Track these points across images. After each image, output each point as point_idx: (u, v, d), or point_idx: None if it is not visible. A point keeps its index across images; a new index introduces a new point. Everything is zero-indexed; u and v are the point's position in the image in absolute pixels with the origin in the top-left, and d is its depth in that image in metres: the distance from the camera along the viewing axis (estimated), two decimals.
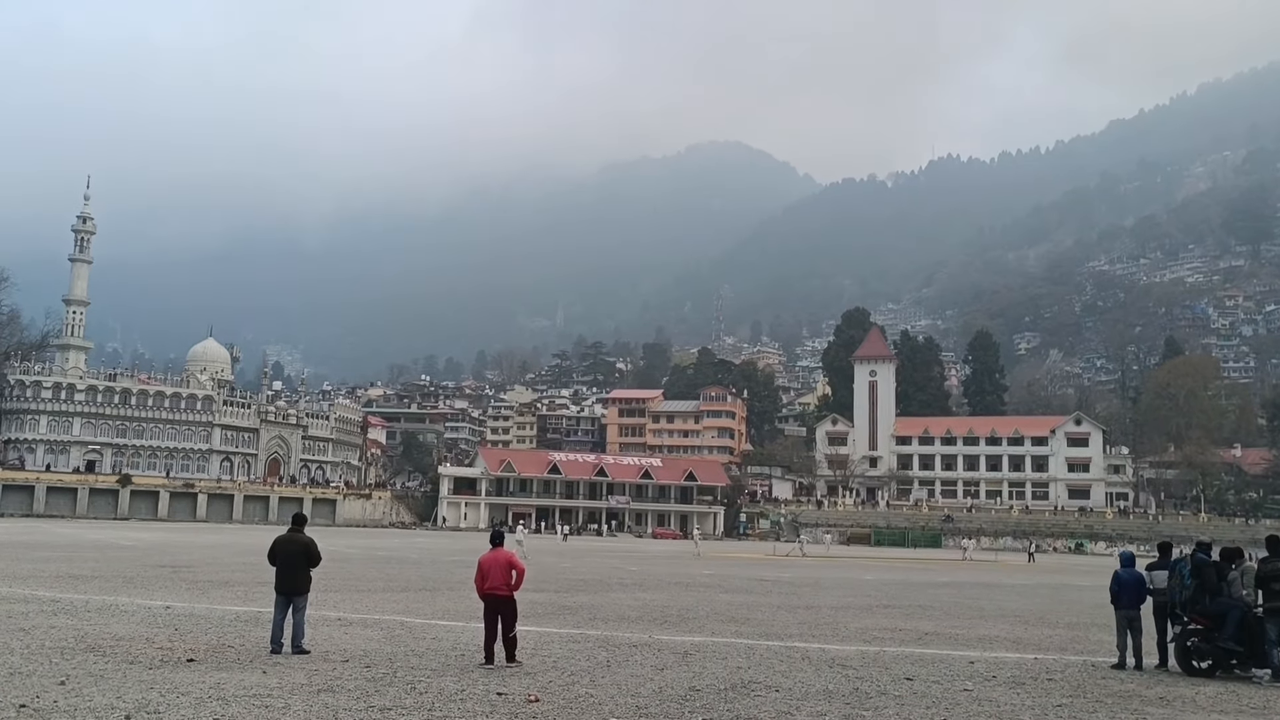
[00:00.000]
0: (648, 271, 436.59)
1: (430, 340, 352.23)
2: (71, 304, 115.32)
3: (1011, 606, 28.90)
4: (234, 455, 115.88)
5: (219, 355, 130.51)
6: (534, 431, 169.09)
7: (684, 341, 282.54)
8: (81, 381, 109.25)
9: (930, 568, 55.68)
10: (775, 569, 47.40)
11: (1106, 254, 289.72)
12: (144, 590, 23.73)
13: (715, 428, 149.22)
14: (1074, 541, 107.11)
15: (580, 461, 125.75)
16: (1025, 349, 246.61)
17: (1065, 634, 21.39)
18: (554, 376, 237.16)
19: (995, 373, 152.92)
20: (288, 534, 14.71)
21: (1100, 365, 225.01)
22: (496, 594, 13.72)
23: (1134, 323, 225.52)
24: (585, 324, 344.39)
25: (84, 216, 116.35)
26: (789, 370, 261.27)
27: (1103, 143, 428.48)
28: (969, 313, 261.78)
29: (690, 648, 16.56)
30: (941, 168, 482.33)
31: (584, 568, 41.80)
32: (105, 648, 14.21)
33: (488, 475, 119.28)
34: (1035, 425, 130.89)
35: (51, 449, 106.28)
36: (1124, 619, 15.74)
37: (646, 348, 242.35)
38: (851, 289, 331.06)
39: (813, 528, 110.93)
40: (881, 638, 19.27)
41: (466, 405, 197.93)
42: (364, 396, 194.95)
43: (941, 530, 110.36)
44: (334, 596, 23.06)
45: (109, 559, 35.96)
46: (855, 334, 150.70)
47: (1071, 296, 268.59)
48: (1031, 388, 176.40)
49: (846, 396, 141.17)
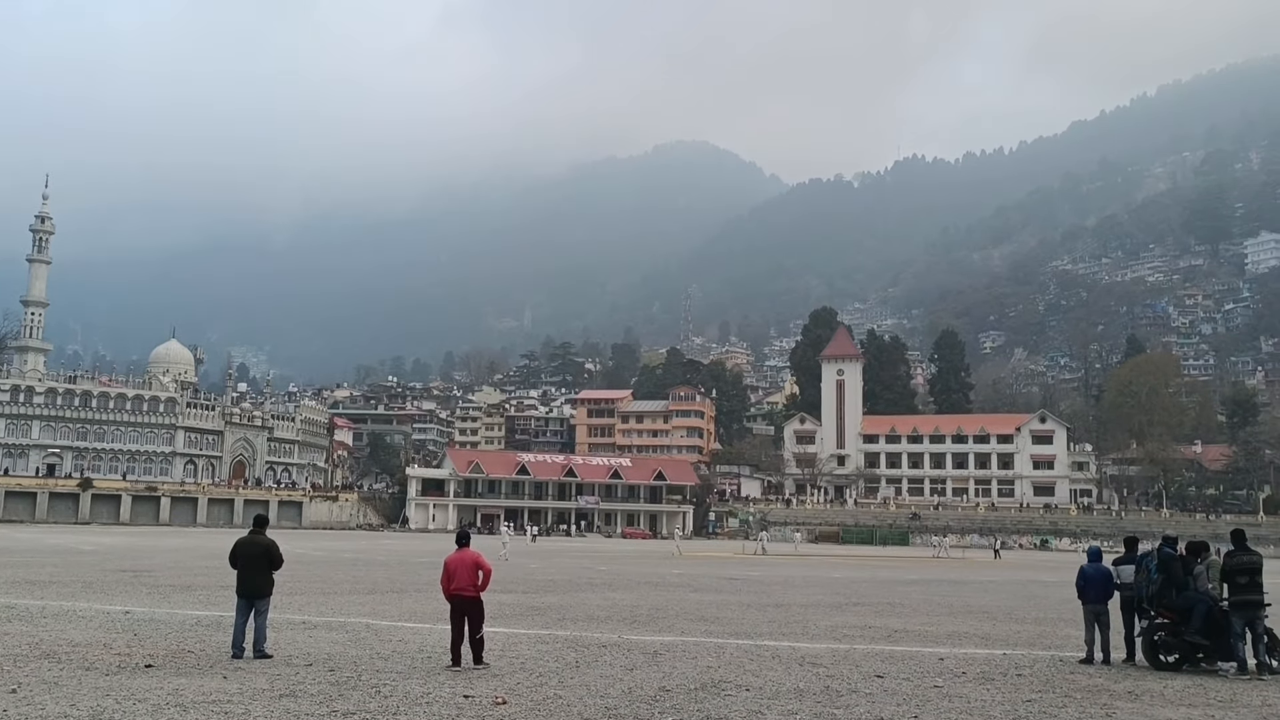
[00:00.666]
0: (616, 271, 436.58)
1: (398, 341, 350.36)
2: (30, 305, 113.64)
3: (979, 603, 29.02)
4: (198, 458, 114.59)
5: (182, 357, 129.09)
6: (502, 432, 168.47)
7: (652, 342, 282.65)
8: (41, 384, 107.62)
9: (898, 565, 55.92)
10: (744, 567, 47.42)
11: (1069, 253, 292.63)
12: (103, 595, 23.30)
13: (684, 427, 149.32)
14: (1039, 538, 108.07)
15: (549, 462, 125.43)
16: (990, 348, 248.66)
17: (1033, 629, 21.47)
18: (522, 377, 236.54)
19: (961, 371, 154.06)
20: (249, 536, 14.44)
21: (1064, 364, 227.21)
22: (463, 595, 13.53)
23: (1096, 321, 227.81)
24: (553, 324, 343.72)
25: (42, 216, 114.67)
26: (757, 370, 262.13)
27: (1065, 143, 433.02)
28: (935, 312, 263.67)
29: (660, 647, 16.44)
30: (907, 168, 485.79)
31: (553, 568, 41.60)
32: (60, 654, 13.88)
33: (456, 476, 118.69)
34: (1000, 423, 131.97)
35: (10, 453, 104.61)
36: (1091, 614, 15.78)
37: (615, 348, 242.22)
38: (818, 289, 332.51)
39: (780, 526, 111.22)
40: (851, 635, 19.25)
41: (434, 406, 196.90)
42: (330, 398, 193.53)
43: (909, 528, 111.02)
44: (298, 599, 22.75)
45: (68, 564, 35.34)
46: (822, 333, 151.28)
47: (1035, 296, 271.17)
48: (996, 386, 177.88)
49: (814, 395, 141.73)
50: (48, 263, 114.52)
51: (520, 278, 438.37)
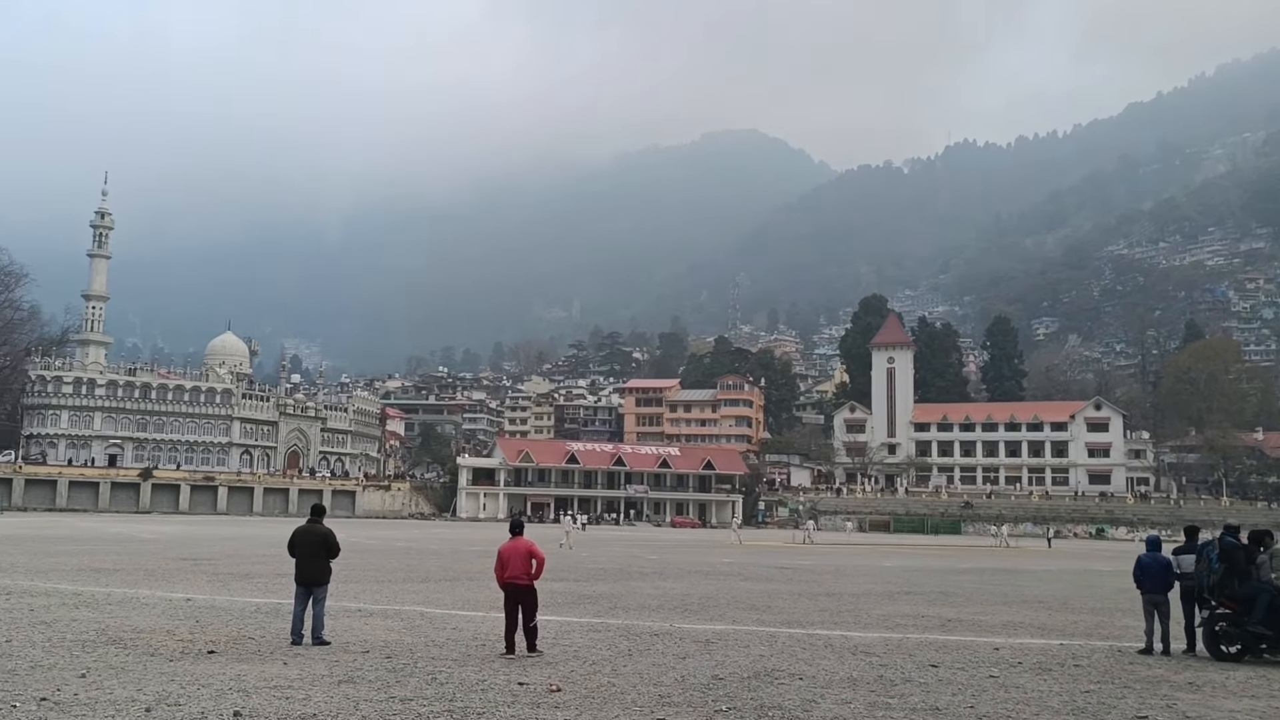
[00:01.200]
0: (663, 260, 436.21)
1: (447, 332, 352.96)
2: (91, 299, 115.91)
3: (1034, 592, 28.68)
4: (253, 448, 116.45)
5: (238, 349, 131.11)
6: (551, 422, 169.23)
7: (700, 330, 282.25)
8: (102, 376, 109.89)
9: (951, 554, 55.44)
10: (794, 556, 47.28)
11: (1125, 238, 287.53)
12: (165, 583, 23.80)
13: (733, 416, 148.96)
14: (1095, 527, 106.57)
15: (598, 451, 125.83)
16: (1044, 334, 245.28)
17: (1090, 619, 21.19)
18: (571, 367, 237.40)
19: (1014, 358, 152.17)
20: (307, 525, 14.66)
21: (1120, 350, 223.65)
22: (517, 583, 13.64)
23: (1154, 307, 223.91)
24: (601, 314, 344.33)
25: (101, 212, 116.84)
26: (806, 358, 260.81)
27: (1121, 126, 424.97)
28: (987, 299, 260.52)
29: (712, 636, 16.46)
30: (958, 153, 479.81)
31: (603, 557, 41.77)
32: (126, 640, 14.21)
33: (506, 466, 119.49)
34: (1055, 410, 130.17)
35: (73, 444, 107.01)
36: (1150, 604, 15.55)
37: (663, 337, 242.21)
38: (868, 276, 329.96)
39: (831, 515, 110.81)
40: (904, 624, 19.13)
41: (484, 396, 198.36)
42: (382, 389, 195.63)
43: (961, 517, 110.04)
44: (354, 587, 23.07)
45: (130, 552, 36.12)
46: (873, 321, 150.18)
47: (1090, 281, 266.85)
48: (1050, 373, 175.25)
49: (864, 384, 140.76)
50: (108, 258, 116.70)
51: (568, 268, 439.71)
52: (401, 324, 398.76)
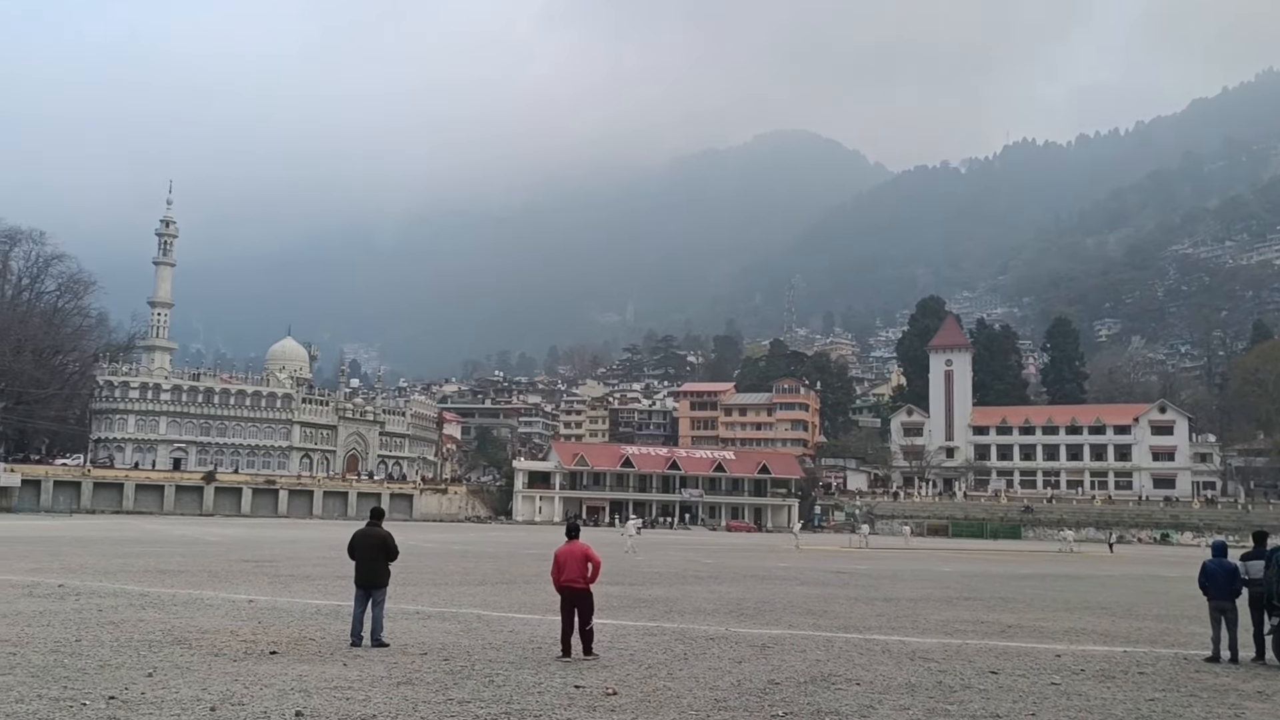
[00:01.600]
0: (718, 263, 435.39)
1: (503, 336, 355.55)
2: (156, 306, 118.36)
3: (1096, 598, 28.19)
4: (313, 452, 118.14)
5: (297, 354, 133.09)
6: (606, 425, 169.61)
7: (755, 333, 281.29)
8: (167, 381, 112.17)
9: (1011, 559, 54.65)
10: (851, 561, 46.92)
11: (1190, 237, 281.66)
12: (228, 584, 24.23)
13: (788, 420, 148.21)
14: (1159, 532, 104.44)
15: (653, 455, 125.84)
16: (1106, 336, 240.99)
17: (1155, 626, 20.78)
18: (625, 370, 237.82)
19: (1075, 360, 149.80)
20: (366, 528, 14.83)
21: (1185, 351, 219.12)
22: (573, 587, 13.69)
23: (1220, 307, 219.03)
24: (655, 318, 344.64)
25: (166, 220, 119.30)
26: (862, 361, 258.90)
27: (1184, 122, 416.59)
28: (1047, 300, 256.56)
29: (768, 640, 16.39)
30: (1017, 152, 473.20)
31: (658, 561, 41.77)
32: (191, 640, 14.49)
33: (561, 469, 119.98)
34: (1117, 413, 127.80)
35: (139, 447, 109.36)
36: (1217, 610, 15.20)
37: (717, 340, 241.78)
38: (925, 278, 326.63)
39: (888, 519, 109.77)
40: (963, 630, 18.90)
41: (539, 400, 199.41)
42: (439, 393, 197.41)
43: (1021, 521, 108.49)
44: (412, 590, 23.31)
45: (195, 554, 36.83)
46: (930, 323, 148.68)
47: (1154, 281, 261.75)
48: (1113, 375, 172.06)
49: (922, 387, 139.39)
50: (172, 265, 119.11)
51: (622, 271, 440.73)
52: (458, 328, 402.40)
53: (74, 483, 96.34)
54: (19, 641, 13.93)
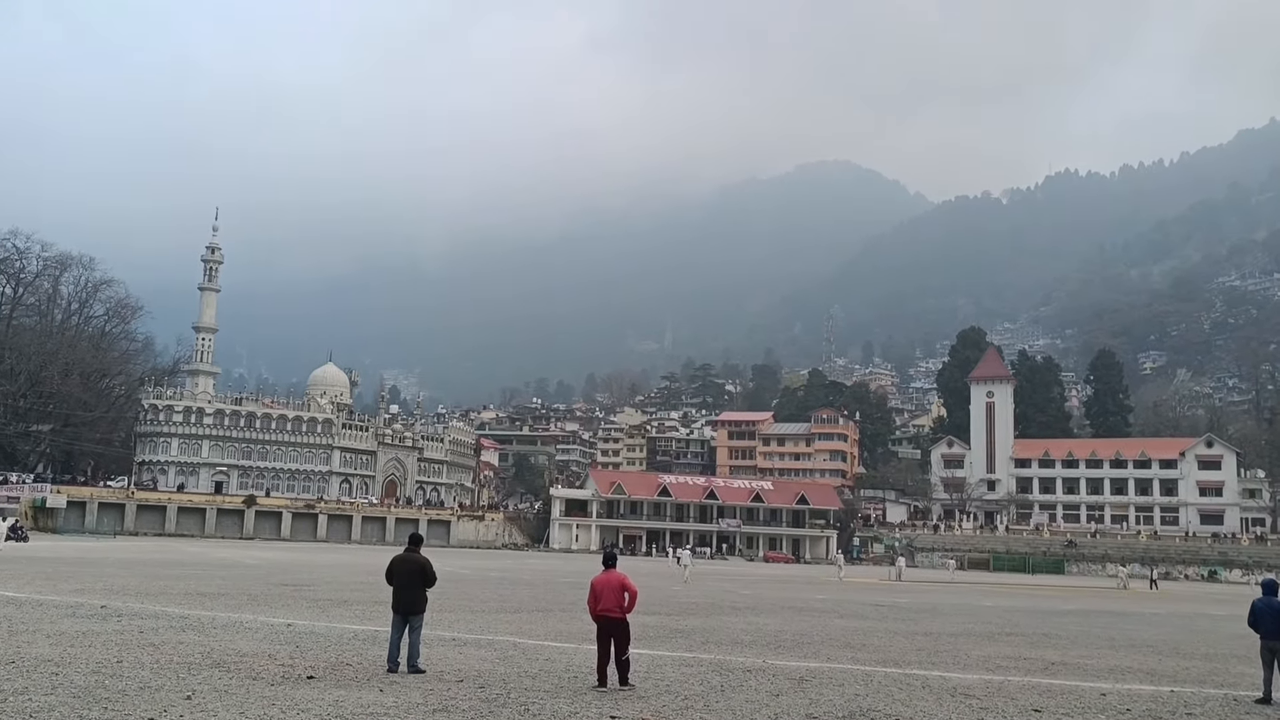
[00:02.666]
0: (756, 292, 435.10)
1: (541, 363, 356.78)
2: (201, 331, 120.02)
3: (1142, 636, 27.64)
4: (352, 477, 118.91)
5: (338, 379, 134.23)
6: (644, 454, 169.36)
7: (793, 363, 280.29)
8: (210, 405, 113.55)
9: (1055, 595, 53.77)
10: (890, 594, 46.37)
11: (1237, 269, 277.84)
12: (267, 608, 24.37)
13: (827, 450, 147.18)
14: (1207, 569, 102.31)
15: (690, 484, 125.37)
16: (1150, 368, 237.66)
17: (1203, 666, 20.32)
18: (663, 399, 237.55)
19: (1119, 393, 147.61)
20: (404, 554, 14.88)
21: (1233, 385, 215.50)
22: (609, 616, 13.63)
23: (1269, 340, 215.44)
24: (693, 346, 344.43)
25: (212, 247, 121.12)
26: (902, 392, 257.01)
27: (1231, 153, 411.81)
28: (1090, 331, 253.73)
29: (806, 673, 16.21)
30: (1059, 183, 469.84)
31: (695, 591, 41.52)
32: (230, 663, 14.57)
33: (598, 497, 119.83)
34: (1163, 447, 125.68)
35: (182, 470, 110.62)
36: (1268, 650, 14.85)
37: (756, 369, 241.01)
38: (966, 308, 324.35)
39: (928, 552, 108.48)
40: (1005, 666, 18.59)
41: (577, 427, 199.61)
42: (477, 419, 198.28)
43: (1064, 556, 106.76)
44: (449, 616, 23.32)
45: (235, 577, 37.10)
46: (971, 354, 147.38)
47: (1200, 314, 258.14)
48: (1158, 408, 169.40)
49: (962, 418, 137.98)
50: (217, 291, 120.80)
51: (661, 299, 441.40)
52: (497, 355, 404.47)
53: (118, 505, 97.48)
54: (61, 661, 14.08)
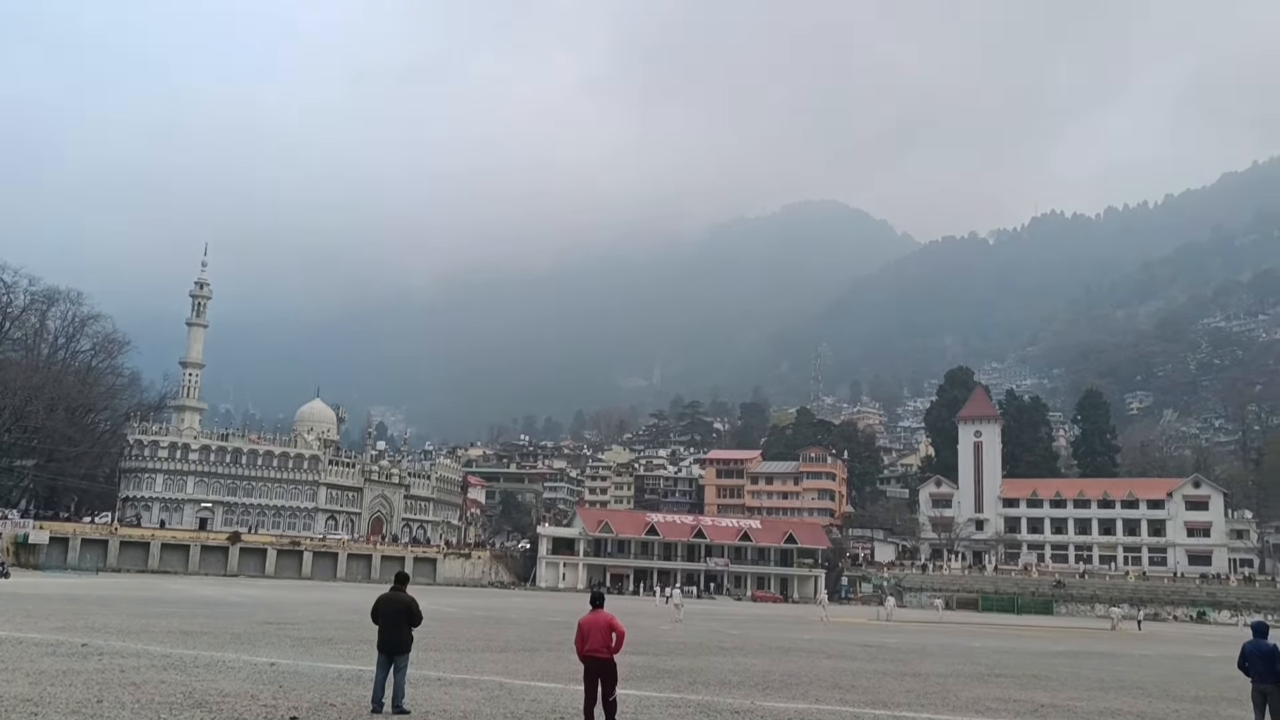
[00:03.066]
0: (745, 330, 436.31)
1: (530, 400, 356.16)
2: (187, 366, 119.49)
3: (1132, 678, 27.52)
4: (339, 514, 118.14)
5: (325, 416, 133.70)
6: (631, 492, 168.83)
7: (782, 401, 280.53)
8: (196, 441, 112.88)
9: (1044, 636, 53.59)
10: (879, 634, 46.14)
11: (1222, 310, 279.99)
12: (250, 646, 24.10)
13: (815, 489, 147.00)
14: (1196, 610, 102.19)
15: (678, 523, 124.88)
16: (1137, 409, 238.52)
17: (1192, 708, 20.24)
18: (651, 436, 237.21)
19: (1106, 433, 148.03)
20: (390, 593, 14.76)
21: (1219, 425, 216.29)
22: (596, 656, 13.52)
23: (1254, 381, 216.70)
24: (682, 383, 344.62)
25: (200, 282, 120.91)
26: (890, 431, 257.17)
27: (1215, 196, 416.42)
28: (1077, 371, 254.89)
29: (794, 715, 16.08)
30: (1046, 224, 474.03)
31: (682, 630, 41.25)
32: (212, 704, 14.39)
33: (585, 535, 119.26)
34: (1150, 487, 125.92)
35: (166, 506, 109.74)
36: (1259, 693, 14.79)
37: (744, 407, 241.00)
38: (954, 348, 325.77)
39: (916, 592, 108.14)
40: (995, 708, 18.48)
41: (565, 465, 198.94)
42: (464, 456, 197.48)
43: (1053, 596, 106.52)
44: (434, 655, 23.10)
45: (218, 615, 36.73)
46: (958, 394, 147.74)
47: (1186, 354, 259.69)
48: (1145, 449, 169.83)
49: (950, 458, 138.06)
50: (205, 326, 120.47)
51: (650, 336, 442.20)
52: (486, 392, 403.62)
53: (101, 541, 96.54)
54: (40, 701, 13.88)
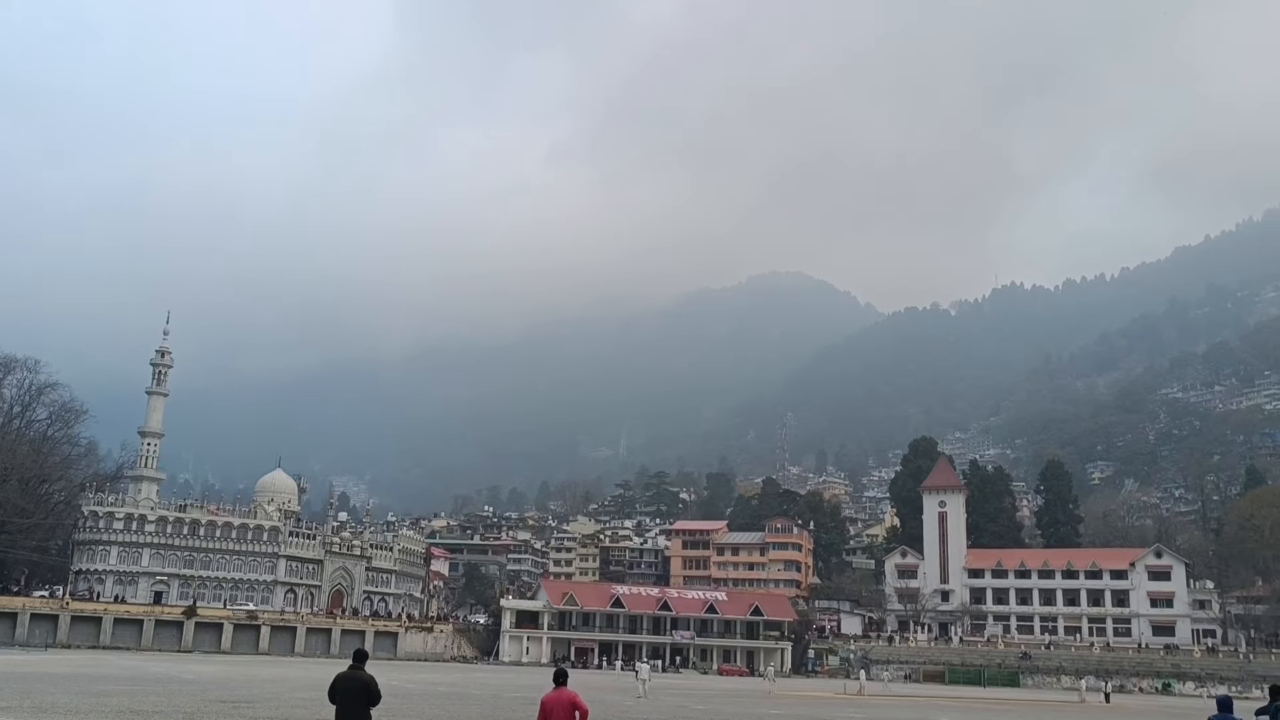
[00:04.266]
0: (710, 400, 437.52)
1: (494, 471, 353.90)
2: (146, 436, 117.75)
3: None
4: (298, 586, 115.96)
5: (286, 486, 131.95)
6: (596, 563, 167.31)
7: (748, 471, 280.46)
8: (153, 513, 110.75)
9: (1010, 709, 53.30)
10: (845, 709, 45.72)
11: (1179, 381, 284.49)
12: None
13: (781, 560, 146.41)
14: (1161, 681, 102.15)
15: (644, 595, 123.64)
16: (1099, 478, 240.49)
17: None
18: (617, 507, 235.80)
19: (1069, 503, 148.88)
20: (348, 671, 14.49)
21: (1179, 495, 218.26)
22: None
23: (1212, 451, 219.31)
24: (648, 454, 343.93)
25: (162, 351, 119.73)
26: (855, 501, 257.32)
27: (1169, 269, 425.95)
28: (1039, 442, 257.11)
29: None
30: (1006, 296, 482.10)
31: (649, 706, 40.68)
32: None
33: (550, 608, 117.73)
34: (1113, 558, 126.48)
35: (120, 580, 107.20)
36: None
37: (710, 477, 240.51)
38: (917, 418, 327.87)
39: (883, 664, 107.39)
40: None
41: (529, 536, 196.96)
42: (428, 527, 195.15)
43: (1019, 668, 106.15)
44: None
45: (170, 693, 35.82)
46: (923, 464, 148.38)
47: (1145, 425, 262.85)
48: (1108, 518, 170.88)
49: (915, 528, 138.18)
50: (165, 395, 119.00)
51: (616, 407, 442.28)
52: (450, 463, 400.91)
53: (51, 616, 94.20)
54: None
